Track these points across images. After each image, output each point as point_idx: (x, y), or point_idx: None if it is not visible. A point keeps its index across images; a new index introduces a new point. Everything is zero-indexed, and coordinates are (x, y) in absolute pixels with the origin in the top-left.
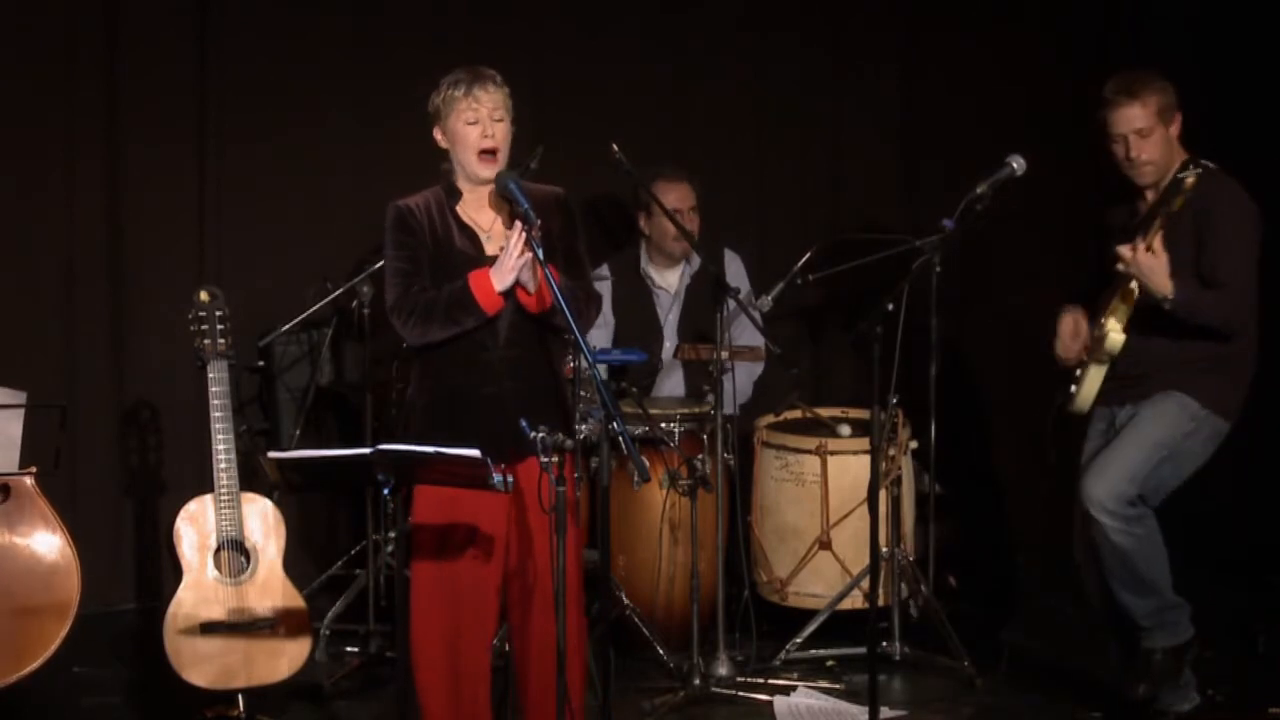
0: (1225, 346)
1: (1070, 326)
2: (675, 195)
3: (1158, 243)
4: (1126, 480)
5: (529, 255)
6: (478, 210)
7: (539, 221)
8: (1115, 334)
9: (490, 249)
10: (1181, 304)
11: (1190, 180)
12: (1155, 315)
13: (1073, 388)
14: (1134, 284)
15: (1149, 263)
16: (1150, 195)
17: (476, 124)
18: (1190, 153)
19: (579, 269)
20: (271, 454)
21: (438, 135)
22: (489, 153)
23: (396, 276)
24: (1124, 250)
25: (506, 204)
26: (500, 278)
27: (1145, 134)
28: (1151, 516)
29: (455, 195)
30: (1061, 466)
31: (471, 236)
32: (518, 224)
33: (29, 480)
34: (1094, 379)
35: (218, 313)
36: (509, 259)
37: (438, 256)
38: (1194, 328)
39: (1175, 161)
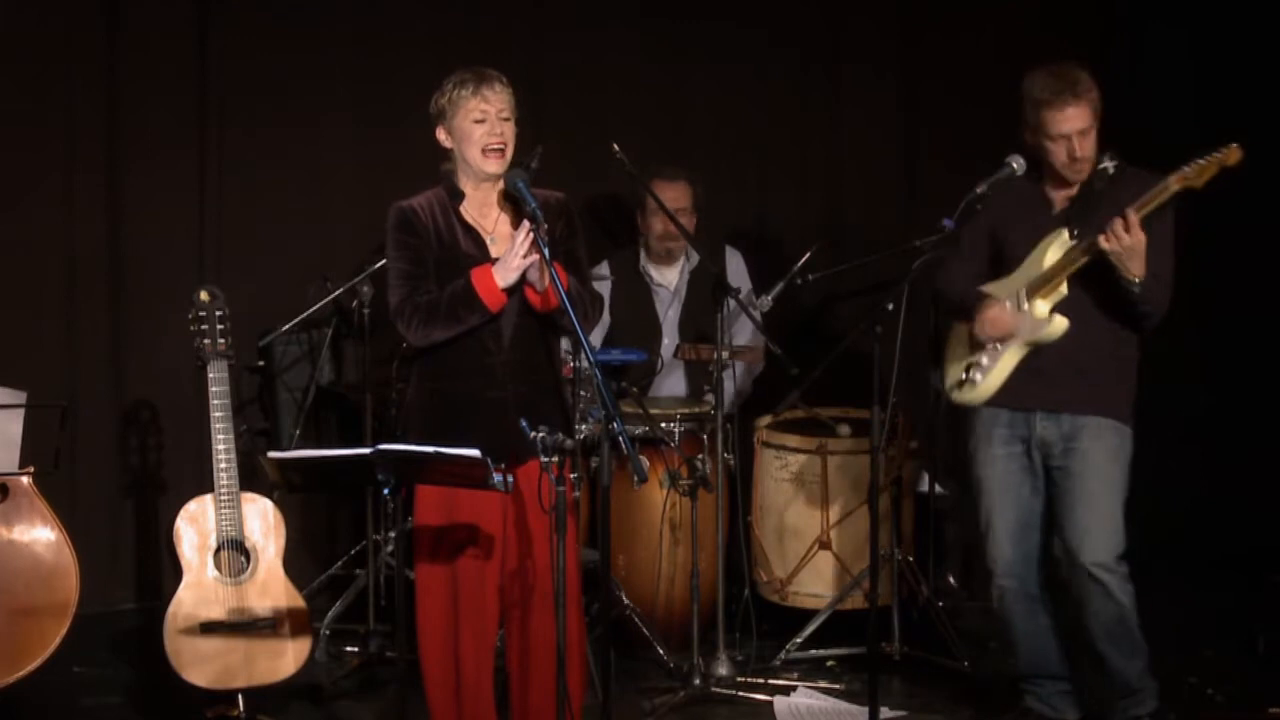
0: (1129, 351)
1: (992, 314)
2: (668, 195)
3: (1137, 224)
4: (1116, 532)
5: (536, 255)
6: (481, 211)
7: (545, 225)
8: (1060, 320)
9: (495, 251)
10: (1147, 287)
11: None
12: (1079, 307)
13: (978, 376)
14: (1070, 270)
15: (1136, 243)
16: (1063, 190)
17: (484, 122)
18: None
19: (579, 272)
20: (271, 454)
21: (441, 135)
22: (496, 150)
23: (400, 278)
24: (1118, 229)
25: (510, 204)
26: (503, 274)
27: (1086, 133)
28: None
29: (458, 196)
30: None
31: (476, 238)
32: (524, 222)
33: (26, 480)
34: (1008, 365)
35: (218, 313)
36: (513, 257)
37: (443, 259)
38: (1117, 319)
39: None
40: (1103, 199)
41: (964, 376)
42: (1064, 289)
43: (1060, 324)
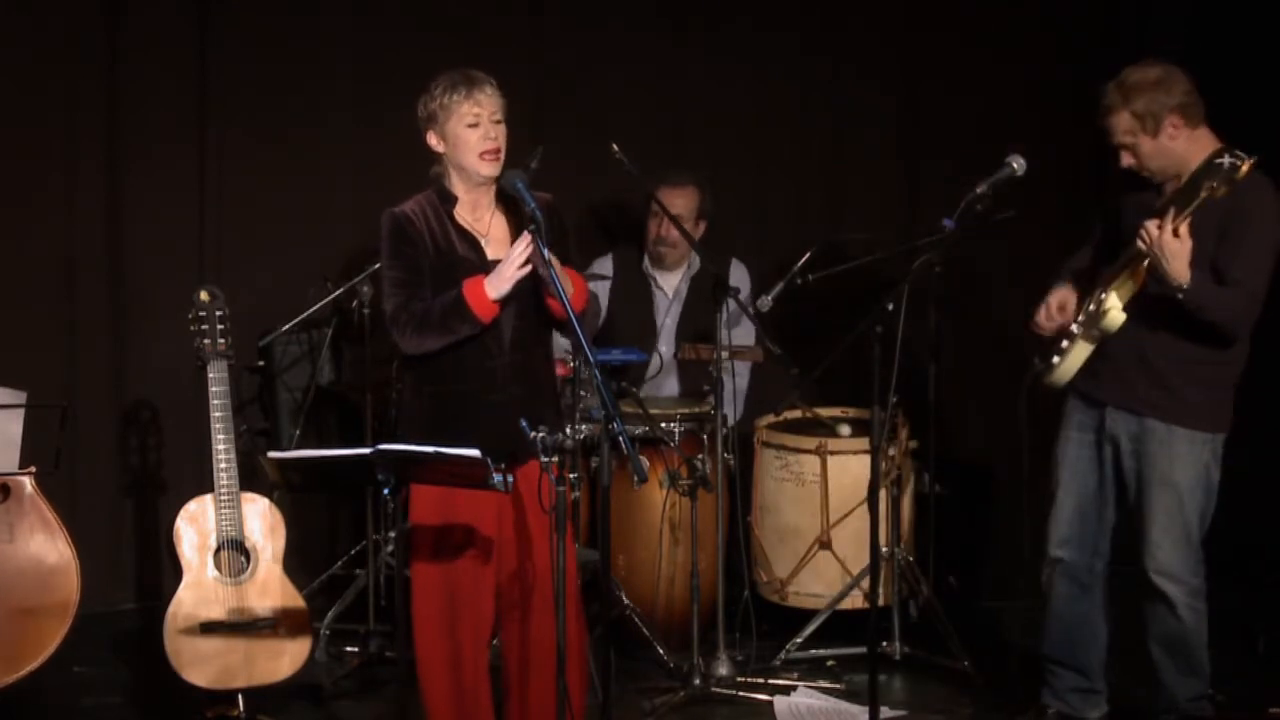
0: (1217, 358)
1: (1059, 300)
2: (675, 200)
3: (1185, 228)
4: (1181, 544)
5: (531, 267)
6: (475, 214)
7: (544, 224)
8: (1116, 311)
9: (491, 253)
10: (1193, 295)
11: (1244, 170)
12: (1156, 308)
13: (1055, 359)
14: (1144, 265)
15: (1173, 246)
16: (1171, 186)
17: (477, 126)
18: (1223, 143)
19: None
20: (271, 454)
21: (432, 140)
22: (492, 153)
23: (395, 286)
24: (1150, 226)
25: (504, 205)
26: (496, 286)
27: (1129, 145)
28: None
29: (450, 200)
30: (1036, 444)
31: (472, 242)
32: (524, 234)
33: (28, 480)
34: (1080, 354)
35: (218, 313)
36: (509, 267)
37: (439, 264)
38: (1194, 325)
39: (1195, 156)
40: (1198, 190)
41: (1049, 363)
42: (1134, 283)
43: (1115, 316)
